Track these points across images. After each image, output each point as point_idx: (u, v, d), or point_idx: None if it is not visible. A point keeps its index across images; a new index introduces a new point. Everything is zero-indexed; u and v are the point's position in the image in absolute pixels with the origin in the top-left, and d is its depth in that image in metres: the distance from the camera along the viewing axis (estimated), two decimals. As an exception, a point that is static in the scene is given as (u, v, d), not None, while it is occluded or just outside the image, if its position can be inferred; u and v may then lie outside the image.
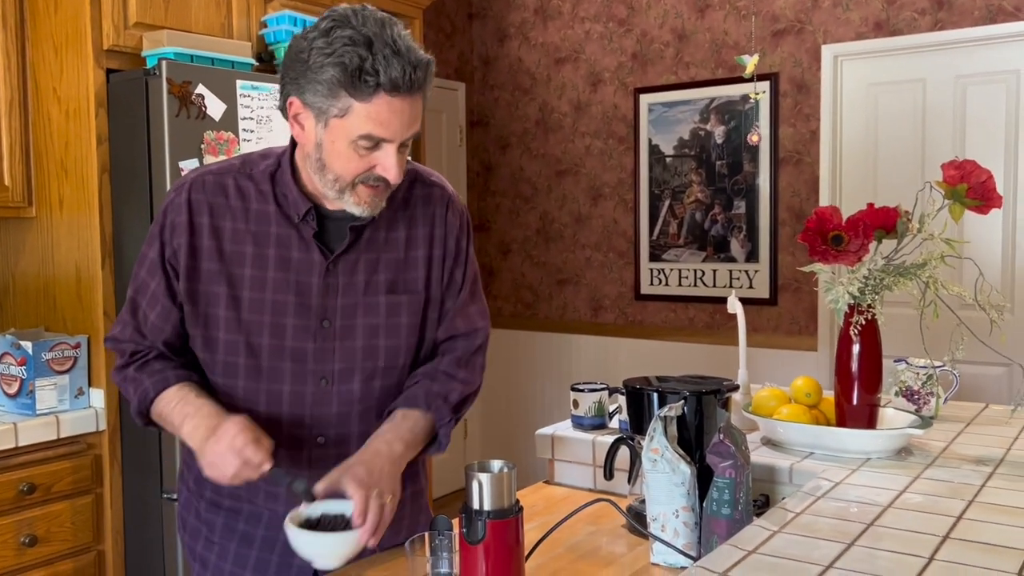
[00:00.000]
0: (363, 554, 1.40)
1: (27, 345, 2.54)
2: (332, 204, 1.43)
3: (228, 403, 1.44)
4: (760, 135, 3.86)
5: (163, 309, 1.44)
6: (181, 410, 1.40)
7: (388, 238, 1.47)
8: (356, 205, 1.37)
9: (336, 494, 1.33)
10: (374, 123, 1.29)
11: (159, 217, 1.45)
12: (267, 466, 1.32)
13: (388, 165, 1.33)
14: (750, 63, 2.18)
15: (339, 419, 1.46)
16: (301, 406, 1.45)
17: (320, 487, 1.33)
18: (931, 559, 1.11)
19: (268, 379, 1.44)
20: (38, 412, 2.53)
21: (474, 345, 1.55)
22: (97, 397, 2.65)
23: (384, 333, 1.46)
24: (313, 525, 1.32)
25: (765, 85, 3.93)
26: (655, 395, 1.52)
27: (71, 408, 2.61)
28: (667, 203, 4.28)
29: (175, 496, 2.59)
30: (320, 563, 1.35)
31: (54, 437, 2.51)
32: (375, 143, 1.31)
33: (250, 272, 1.42)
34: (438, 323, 1.53)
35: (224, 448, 1.31)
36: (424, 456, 1.56)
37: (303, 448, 1.47)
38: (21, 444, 2.44)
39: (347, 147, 1.32)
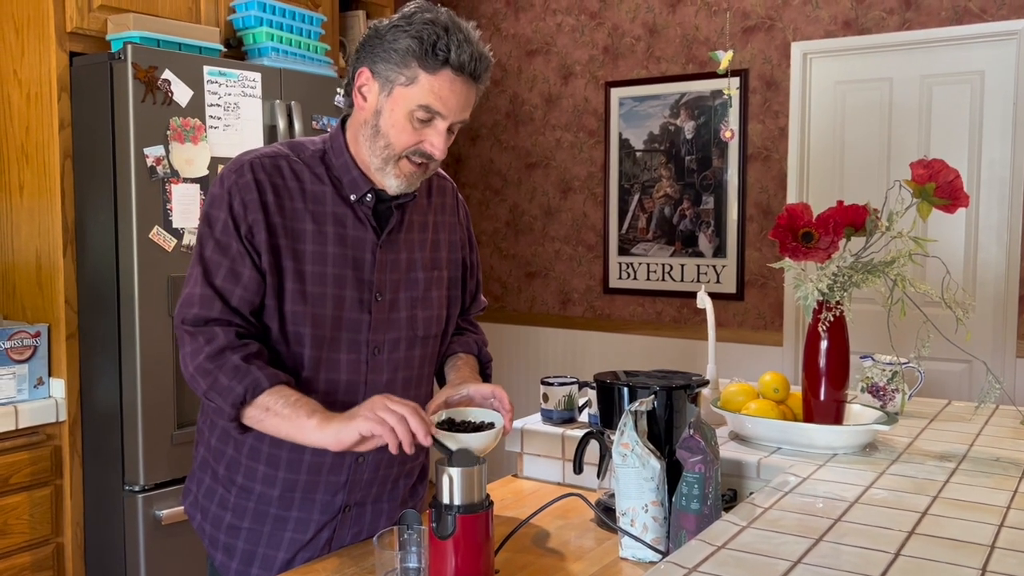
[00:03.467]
0: (335, 544, 1.59)
1: (-15, 333, 2.49)
2: (376, 180, 1.52)
3: (292, 370, 1.50)
4: (734, 131, 3.88)
5: (251, 282, 1.46)
6: (307, 404, 1.41)
7: (420, 221, 1.62)
8: (396, 178, 1.48)
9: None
10: (435, 96, 1.42)
11: (221, 200, 1.47)
12: (429, 441, 1.35)
13: (437, 142, 1.45)
14: (724, 59, 2.18)
15: (388, 386, 1.56)
16: (357, 373, 1.54)
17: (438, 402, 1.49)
18: (897, 555, 1.12)
19: (329, 348, 1.51)
20: (-4, 402, 2.48)
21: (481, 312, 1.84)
22: (57, 387, 2.60)
23: (422, 305, 1.60)
24: (452, 427, 1.42)
25: (735, 81, 3.95)
26: (625, 390, 1.52)
27: (30, 398, 2.55)
28: (636, 197, 4.29)
29: (136, 488, 2.56)
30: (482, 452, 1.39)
31: (12, 428, 2.46)
32: (430, 117, 1.43)
33: (311, 248, 1.49)
34: (459, 300, 1.71)
35: (380, 407, 1.34)
36: None
37: None
38: (-22, 435, 2.39)
39: (404, 117, 1.43)
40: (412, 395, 1.59)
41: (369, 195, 1.52)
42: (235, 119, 2.75)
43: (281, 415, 1.40)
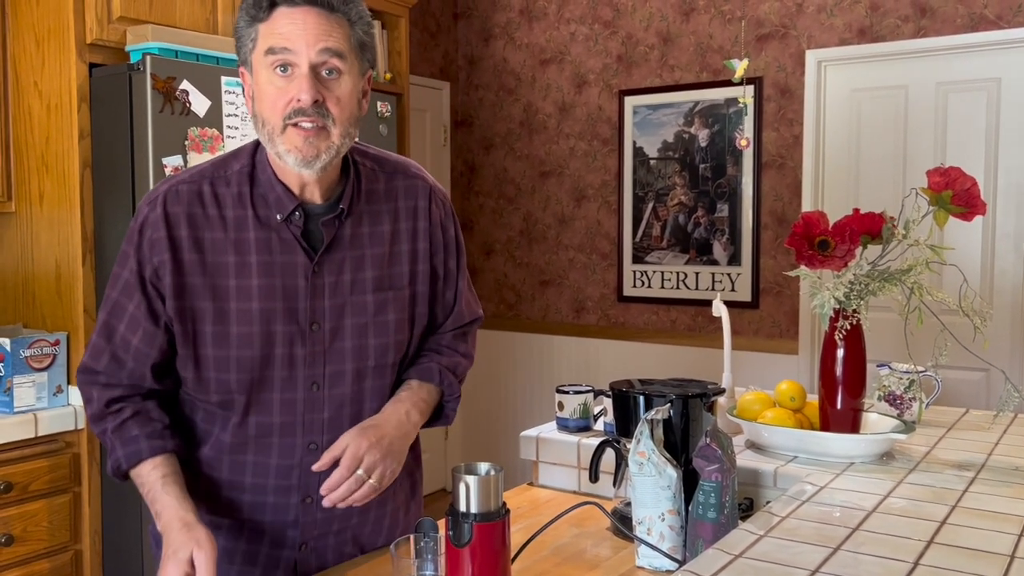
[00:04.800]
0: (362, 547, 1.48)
1: (5, 342, 2.51)
2: (303, 194, 1.39)
3: (222, 417, 1.41)
4: (749, 140, 3.87)
5: (146, 333, 1.38)
6: (153, 498, 1.35)
7: (372, 233, 1.44)
8: (290, 153, 1.31)
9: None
10: (275, 36, 1.29)
11: (132, 235, 1.38)
12: None
13: (297, 89, 1.29)
14: (739, 67, 2.18)
15: (331, 423, 1.42)
16: (292, 413, 1.41)
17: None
18: (916, 564, 1.11)
19: (259, 389, 1.39)
20: (16, 410, 2.50)
21: (473, 326, 1.62)
22: (76, 395, 2.62)
23: (373, 331, 1.43)
24: None
25: (750, 89, 3.95)
26: (641, 398, 1.52)
27: (49, 406, 2.58)
28: (650, 205, 4.29)
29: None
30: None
31: (32, 435, 2.48)
32: (283, 62, 1.29)
33: (234, 283, 1.36)
34: (426, 318, 1.52)
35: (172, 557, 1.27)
36: (431, 426, 1.56)
37: (295, 455, 1.43)
38: (-2, 442, 2.41)
39: (265, 81, 1.31)
40: None
41: (296, 212, 1.37)
42: (252, 129, 2.77)
43: (143, 493, 1.38)
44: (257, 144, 1.42)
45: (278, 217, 1.37)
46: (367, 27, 1.36)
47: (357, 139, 1.44)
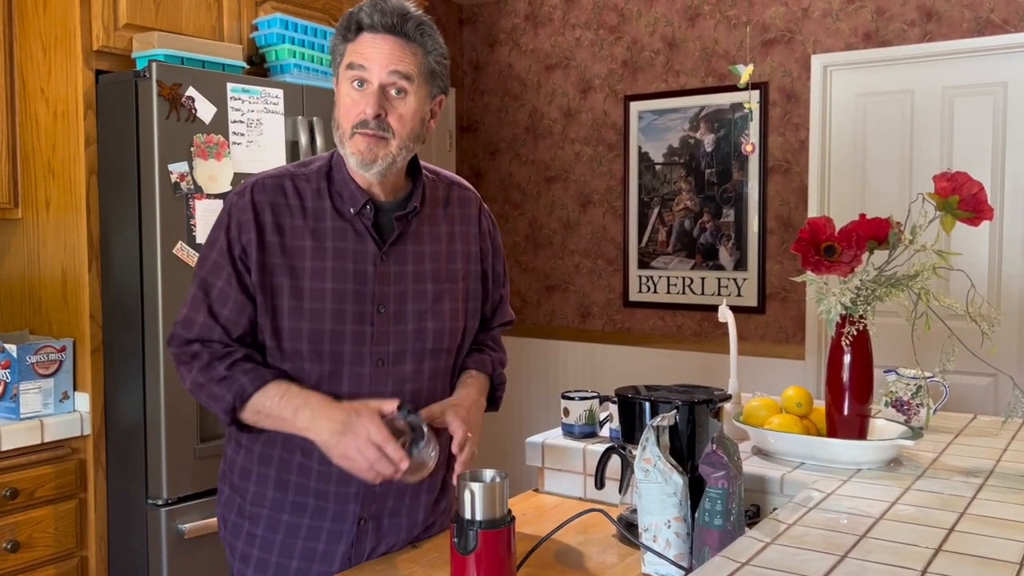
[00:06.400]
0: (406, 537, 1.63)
1: (11, 348, 2.51)
2: (373, 192, 1.56)
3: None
4: (754, 145, 3.87)
5: (236, 303, 1.52)
6: (290, 403, 1.48)
7: (432, 232, 1.62)
8: (352, 155, 1.50)
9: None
10: (356, 55, 1.49)
11: (223, 219, 1.55)
12: (405, 463, 1.42)
13: (365, 102, 1.48)
14: (745, 73, 2.18)
15: (393, 397, 1.53)
16: (360, 386, 1.54)
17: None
18: (924, 572, 1.10)
19: (330, 362, 1.53)
20: (22, 416, 2.50)
21: (510, 326, 1.82)
22: (82, 401, 2.63)
23: (431, 317, 1.59)
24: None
25: (755, 94, 3.94)
26: (647, 404, 1.52)
27: (55, 412, 2.58)
28: (656, 210, 4.29)
29: (160, 502, 2.58)
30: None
31: (38, 441, 2.48)
32: (359, 77, 1.48)
33: (310, 264, 1.52)
34: (478, 313, 1.69)
35: (363, 443, 1.41)
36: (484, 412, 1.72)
37: None
38: (4, 448, 2.41)
39: (345, 92, 1.50)
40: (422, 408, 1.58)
41: (367, 206, 1.54)
42: (258, 135, 2.77)
43: (271, 415, 1.49)
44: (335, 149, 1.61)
45: (351, 210, 1.54)
46: (441, 57, 1.54)
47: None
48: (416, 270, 1.58)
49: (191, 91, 2.60)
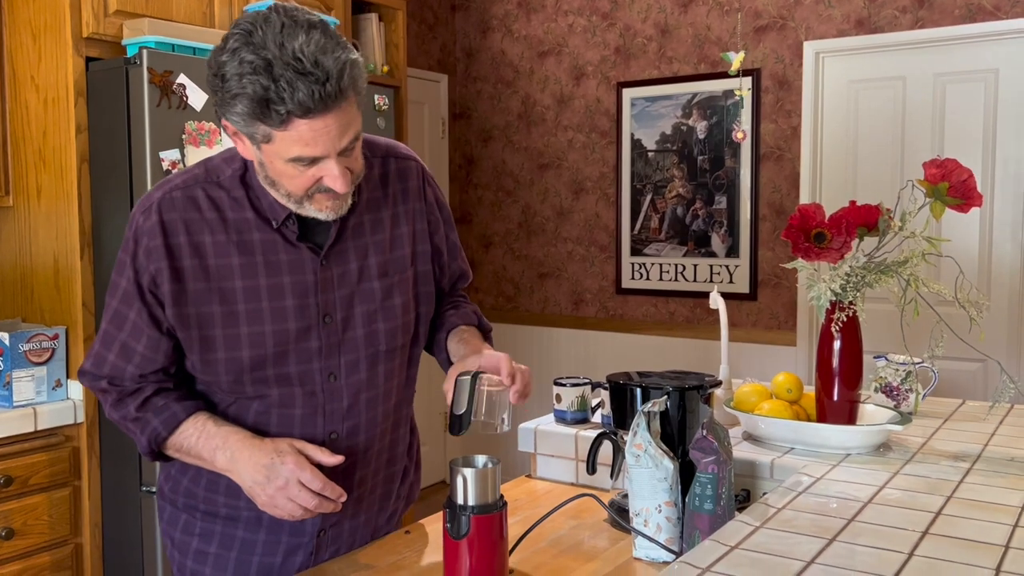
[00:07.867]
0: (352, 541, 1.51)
1: (4, 336, 2.51)
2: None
3: (236, 419, 1.42)
4: (745, 133, 3.87)
5: (150, 339, 1.37)
6: (208, 443, 1.36)
7: (373, 220, 1.45)
8: (320, 212, 1.32)
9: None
10: (300, 145, 1.23)
11: (128, 244, 1.37)
12: (343, 498, 1.33)
13: (333, 177, 1.27)
14: (736, 60, 2.18)
15: (349, 411, 1.45)
16: (313, 405, 1.42)
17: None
18: (911, 555, 1.12)
19: (277, 386, 1.40)
20: (15, 404, 2.50)
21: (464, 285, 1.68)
22: (75, 389, 2.63)
23: (382, 317, 1.45)
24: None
25: (747, 81, 3.94)
26: (638, 390, 1.53)
27: (48, 400, 2.58)
28: (649, 197, 4.29)
29: (154, 489, 2.58)
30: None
31: (31, 429, 2.49)
32: (311, 160, 1.26)
33: (242, 283, 1.36)
34: (431, 297, 1.55)
35: (294, 491, 1.30)
36: None
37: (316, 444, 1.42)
38: (-2, 436, 2.41)
39: (286, 166, 1.27)
40: (378, 412, 1.48)
41: (290, 219, 1.37)
42: (249, 122, 2.76)
43: (191, 455, 1.39)
44: None
45: (275, 221, 1.37)
46: (364, 75, 1.30)
47: None
48: (361, 267, 1.43)
49: (182, 78, 2.59)
